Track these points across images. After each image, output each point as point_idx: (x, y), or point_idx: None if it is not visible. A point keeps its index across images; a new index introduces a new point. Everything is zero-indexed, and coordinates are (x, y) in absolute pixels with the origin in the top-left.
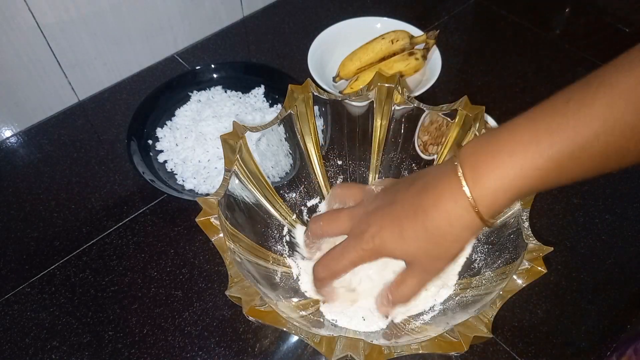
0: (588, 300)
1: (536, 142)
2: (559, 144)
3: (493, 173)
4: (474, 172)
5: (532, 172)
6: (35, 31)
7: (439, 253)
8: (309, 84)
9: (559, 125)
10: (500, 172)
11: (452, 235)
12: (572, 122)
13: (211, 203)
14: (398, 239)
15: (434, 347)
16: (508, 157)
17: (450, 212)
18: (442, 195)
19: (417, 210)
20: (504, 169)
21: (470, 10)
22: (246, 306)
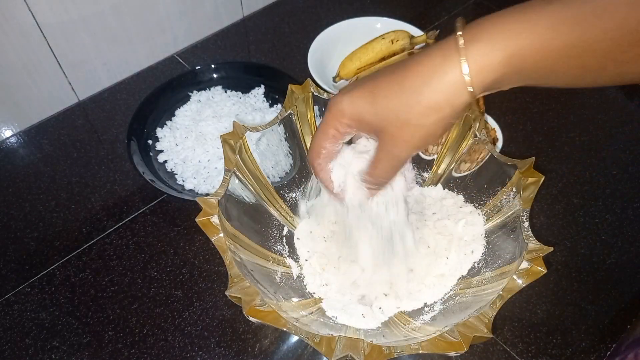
0: (588, 300)
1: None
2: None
3: (492, 36)
4: (471, 35)
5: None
6: (35, 31)
7: (409, 118)
8: (309, 84)
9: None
10: (498, 37)
11: (428, 97)
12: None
13: (211, 203)
14: (368, 95)
15: (434, 347)
16: (508, 26)
17: (432, 68)
18: (429, 55)
19: (395, 70)
20: (502, 35)
21: (470, 10)
22: (246, 306)
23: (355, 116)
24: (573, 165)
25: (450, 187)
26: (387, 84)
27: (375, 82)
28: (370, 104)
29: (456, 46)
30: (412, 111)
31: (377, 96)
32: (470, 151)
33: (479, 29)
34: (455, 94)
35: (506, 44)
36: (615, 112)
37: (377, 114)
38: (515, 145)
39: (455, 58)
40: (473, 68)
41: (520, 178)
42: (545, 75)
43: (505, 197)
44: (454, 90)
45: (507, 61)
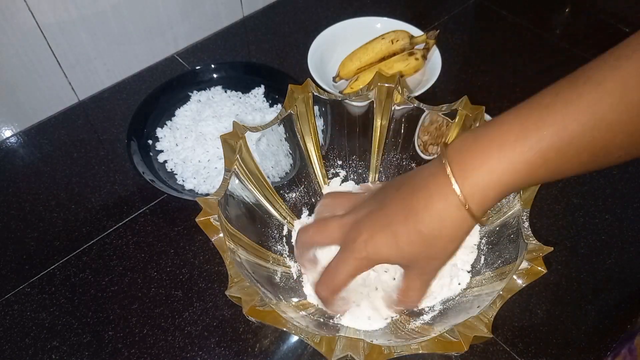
0: (588, 300)
1: (524, 137)
2: (547, 138)
3: (482, 168)
4: (462, 169)
5: (521, 167)
6: (35, 31)
7: (435, 253)
8: (309, 84)
9: (546, 120)
10: (489, 167)
11: (446, 235)
12: (559, 117)
13: (211, 203)
14: (392, 245)
15: (434, 347)
16: (496, 152)
17: (441, 212)
18: (431, 196)
19: (408, 213)
20: (492, 164)
21: (470, 10)
22: (246, 306)
23: (380, 260)
24: None
25: None
26: (406, 230)
27: (394, 228)
28: (396, 251)
29: (452, 188)
30: (436, 249)
31: (400, 242)
32: None
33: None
34: (466, 225)
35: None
36: None
37: (404, 258)
38: None
39: (456, 200)
40: (474, 204)
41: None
42: (546, 179)
43: (505, 197)
44: (465, 223)
45: (504, 188)
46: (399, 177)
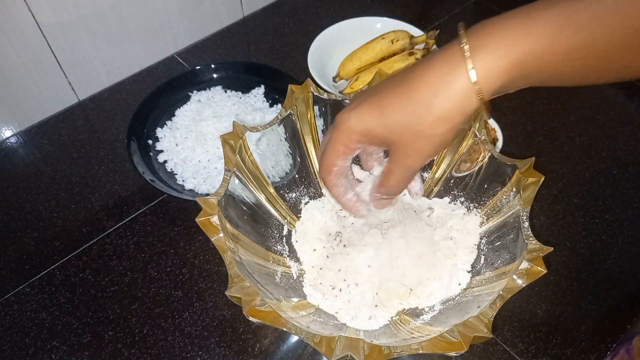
0: (588, 300)
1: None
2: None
3: (497, 43)
4: (476, 42)
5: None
6: (35, 31)
7: (421, 129)
8: (309, 84)
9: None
10: (504, 44)
11: (439, 107)
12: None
13: (211, 203)
14: (376, 113)
15: (434, 347)
16: (513, 32)
17: (439, 79)
18: (434, 64)
19: (400, 82)
20: (507, 41)
21: (470, 10)
22: (246, 306)
23: (365, 132)
24: (573, 165)
25: (450, 186)
26: (394, 97)
27: (381, 96)
28: (379, 119)
29: (462, 55)
30: (424, 123)
31: (385, 110)
32: (470, 151)
33: (483, 35)
34: (464, 102)
35: (511, 50)
36: (615, 112)
37: (387, 127)
38: (515, 145)
39: (462, 67)
40: (480, 76)
41: (520, 178)
42: (550, 77)
43: (505, 197)
44: (463, 98)
45: (513, 67)
46: None
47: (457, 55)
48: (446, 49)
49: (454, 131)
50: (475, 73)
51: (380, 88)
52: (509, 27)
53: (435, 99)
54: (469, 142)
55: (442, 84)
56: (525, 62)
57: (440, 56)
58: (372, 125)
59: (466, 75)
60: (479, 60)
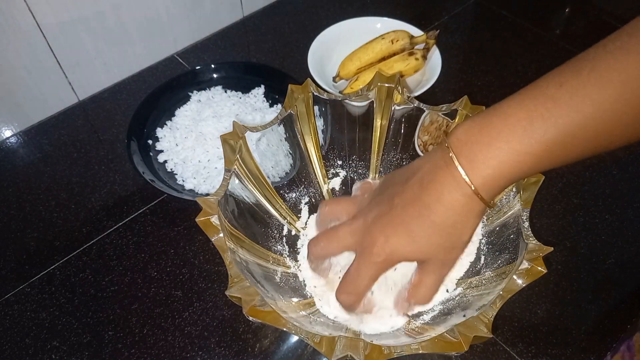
0: (588, 300)
1: (531, 129)
2: (552, 129)
3: (491, 161)
4: (471, 162)
5: (528, 157)
6: (35, 31)
7: (453, 242)
8: (309, 84)
9: (552, 111)
10: (498, 159)
11: (461, 222)
12: (564, 108)
13: (211, 203)
14: (409, 243)
15: (434, 347)
16: (504, 144)
17: (454, 202)
18: (443, 189)
19: (420, 209)
20: (500, 156)
21: (470, 10)
22: (246, 306)
23: (400, 259)
24: (573, 165)
25: None
26: (421, 225)
27: (407, 226)
28: (413, 247)
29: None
30: (453, 237)
31: (417, 239)
32: None
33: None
34: (479, 209)
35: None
36: None
37: (422, 253)
38: None
39: (469, 191)
40: (484, 194)
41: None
42: (553, 165)
43: (505, 197)
44: (479, 209)
45: (511, 177)
46: (400, 171)
47: (460, 179)
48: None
49: (475, 230)
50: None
51: (398, 211)
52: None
53: (458, 218)
54: None
55: (458, 204)
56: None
57: (442, 173)
58: (407, 254)
59: (476, 198)
60: (479, 179)
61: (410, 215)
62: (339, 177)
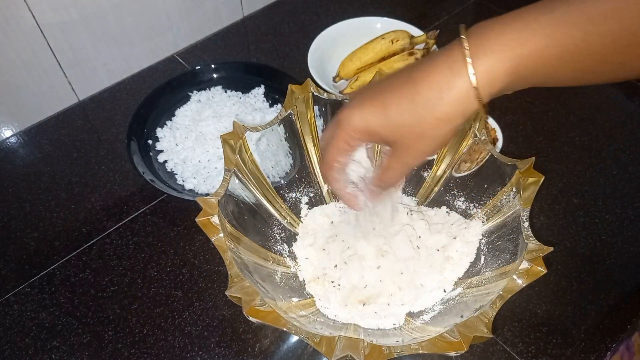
0: (588, 300)
1: (533, 33)
2: (554, 36)
3: (497, 52)
4: (477, 46)
5: (530, 59)
6: (35, 31)
7: (423, 131)
8: (309, 84)
9: (559, 21)
10: (504, 53)
11: (441, 109)
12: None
13: (211, 203)
14: (380, 113)
15: (434, 347)
16: (511, 42)
17: (442, 81)
18: (436, 67)
19: (404, 83)
20: (507, 51)
21: (470, 10)
22: (246, 306)
23: (367, 130)
24: (573, 165)
25: (450, 187)
26: (398, 98)
27: (385, 95)
28: (383, 118)
29: (463, 58)
30: (426, 124)
31: (389, 110)
32: (471, 151)
33: (483, 39)
34: (465, 104)
35: (511, 54)
36: (615, 112)
37: (390, 127)
38: (515, 145)
39: (463, 71)
40: (481, 80)
41: (520, 178)
42: (548, 79)
43: (505, 197)
44: (464, 101)
45: (512, 71)
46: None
47: (459, 59)
48: (448, 51)
49: (454, 131)
50: (476, 77)
51: (383, 86)
52: (508, 31)
53: (437, 102)
54: (469, 142)
55: (444, 87)
56: (523, 66)
57: (443, 58)
58: (375, 124)
59: (467, 79)
60: (480, 65)
61: (393, 87)
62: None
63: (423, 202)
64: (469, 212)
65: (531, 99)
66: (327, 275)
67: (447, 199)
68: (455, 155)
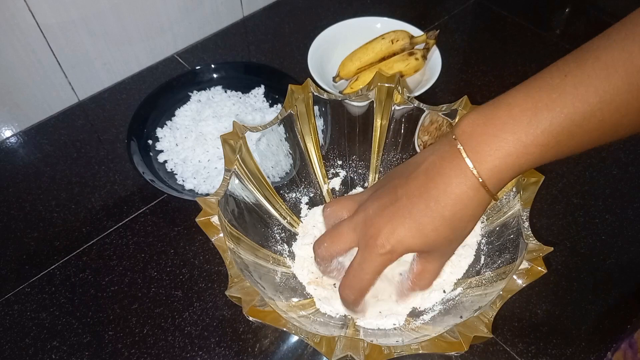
0: (588, 300)
1: (536, 120)
2: (558, 119)
3: (497, 152)
4: (477, 154)
5: (533, 149)
6: (35, 31)
7: (457, 235)
8: (309, 84)
9: (556, 102)
10: (504, 151)
11: (467, 215)
12: (569, 98)
13: (211, 203)
14: (416, 235)
15: (434, 347)
16: (510, 136)
17: (462, 195)
18: (450, 181)
19: (428, 201)
20: (506, 148)
21: (470, 10)
22: (246, 306)
23: (404, 251)
24: (573, 165)
25: None
26: (427, 217)
27: (415, 216)
28: (421, 239)
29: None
30: (459, 230)
31: (425, 231)
32: None
33: (476, 143)
34: (485, 203)
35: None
36: None
37: (428, 245)
38: None
39: (474, 179)
40: (490, 185)
41: (520, 178)
42: (556, 157)
43: (505, 197)
44: (484, 202)
45: (517, 169)
46: (402, 166)
47: (468, 172)
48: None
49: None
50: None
51: (404, 200)
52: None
53: (464, 213)
54: None
55: (465, 199)
56: (525, 159)
57: (449, 165)
58: (413, 245)
59: (482, 191)
60: (488, 179)
61: (418, 207)
62: (339, 177)
63: None
64: None
65: None
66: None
67: None
68: None
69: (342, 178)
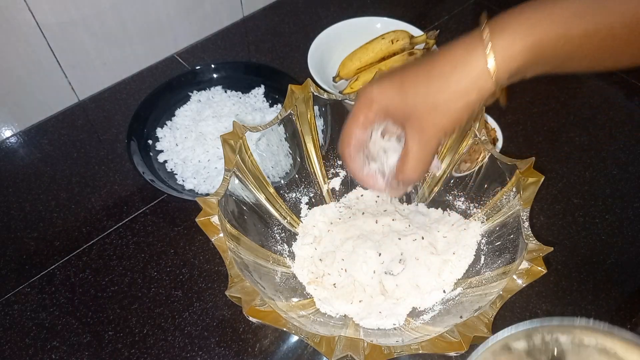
0: (588, 300)
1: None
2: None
3: (515, 26)
4: (495, 26)
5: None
6: (35, 31)
7: (437, 101)
8: (309, 84)
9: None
10: (521, 26)
11: (455, 81)
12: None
13: (211, 203)
14: (396, 86)
15: (433, 347)
16: (530, 15)
17: (457, 57)
18: (454, 47)
19: (423, 63)
20: (524, 24)
21: (470, 10)
22: (246, 306)
23: (384, 103)
24: (573, 165)
25: (450, 186)
26: (414, 74)
27: (403, 73)
28: (399, 92)
29: (480, 38)
30: (440, 96)
31: (405, 85)
32: (471, 151)
33: (502, 19)
34: (481, 80)
35: (528, 32)
36: (615, 112)
37: (405, 100)
38: (515, 145)
39: (480, 48)
40: (497, 57)
41: (520, 178)
42: (565, 61)
43: (505, 197)
44: (480, 76)
45: (529, 49)
46: None
47: (477, 39)
48: (468, 35)
49: (469, 108)
50: (493, 54)
51: (404, 68)
52: (527, 12)
53: (452, 74)
54: (469, 142)
55: (460, 62)
56: (542, 45)
57: (462, 40)
58: (391, 98)
59: (483, 56)
60: (497, 43)
61: (412, 67)
62: (339, 177)
63: (423, 202)
64: (468, 212)
65: (531, 99)
66: (326, 276)
67: (447, 199)
68: (455, 155)
69: (342, 178)
